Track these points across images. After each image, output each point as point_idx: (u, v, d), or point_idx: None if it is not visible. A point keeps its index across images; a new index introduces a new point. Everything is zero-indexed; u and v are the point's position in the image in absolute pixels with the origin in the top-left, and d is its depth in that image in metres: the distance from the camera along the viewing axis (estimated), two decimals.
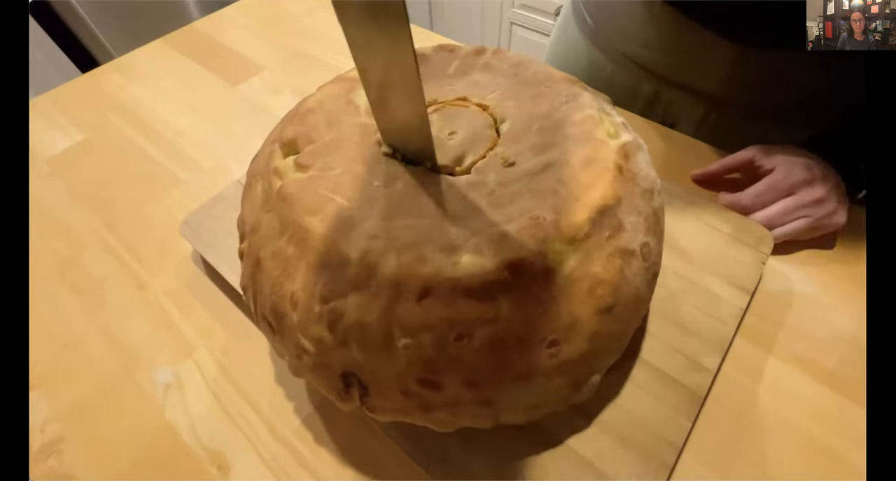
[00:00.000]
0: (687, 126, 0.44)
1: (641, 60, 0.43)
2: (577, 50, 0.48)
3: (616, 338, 0.21)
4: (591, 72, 0.47)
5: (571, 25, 0.49)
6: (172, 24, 0.64)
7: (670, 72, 0.42)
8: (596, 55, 0.46)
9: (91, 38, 1.06)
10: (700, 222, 0.33)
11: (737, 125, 0.42)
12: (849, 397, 0.28)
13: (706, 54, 0.38)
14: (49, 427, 0.29)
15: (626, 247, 0.20)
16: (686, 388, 0.26)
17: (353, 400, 0.21)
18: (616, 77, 0.45)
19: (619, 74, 0.45)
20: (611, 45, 0.45)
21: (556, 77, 0.27)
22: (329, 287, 0.19)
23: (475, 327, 0.18)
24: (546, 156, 0.23)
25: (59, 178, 0.44)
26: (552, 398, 0.21)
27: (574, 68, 0.49)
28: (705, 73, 0.40)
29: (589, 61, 0.47)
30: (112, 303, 0.35)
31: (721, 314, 0.28)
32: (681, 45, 0.39)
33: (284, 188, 0.22)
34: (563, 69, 0.53)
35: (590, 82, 0.47)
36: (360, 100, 0.26)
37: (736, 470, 0.26)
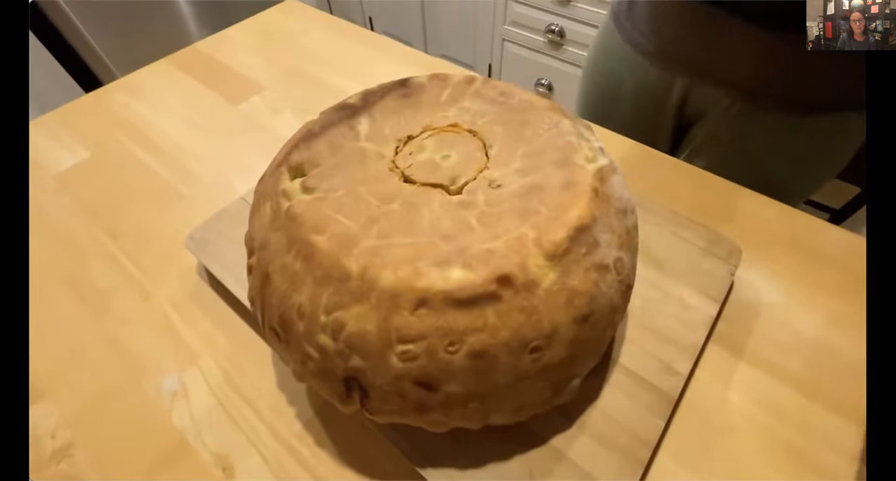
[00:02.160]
0: (713, 116, 0.47)
1: (674, 54, 0.45)
2: (615, 53, 0.52)
3: (593, 344, 0.23)
4: (629, 73, 0.50)
5: (610, 30, 0.52)
6: (174, 44, 0.66)
7: (701, 64, 0.44)
8: (633, 56, 0.49)
9: (94, 58, 1.08)
10: (676, 237, 0.35)
11: (763, 114, 0.44)
12: (811, 398, 0.30)
13: (735, 42, 0.40)
14: (59, 433, 0.30)
15: (600, 262, 0.23)
16: (660, 391, 0.28)
17: (354, 403, 0.23)
18: (651, 74, 0.48)
19: (654, 71, 0.48)
20: (646, 43, 0.48)
21: (538, 105, 0.29)
22: (333, 299, 0.21)
23: (465, 335, 0.20)
24: (530, 179, 0.25)
25: (66, 194, 0.45)
26: (536, 400, 0.23)
27: (614, 71, 0.52)
28: (735, 61, 0.42)
29: (628, 63, 0.50)
30: (117, 313, 0.36)
31: (693, 322, 0.31)
32: (710, 35, 0.42)
33: (292, 208, 0.24)
34: (602, 72, 0.57)
35: (629, 82, 0.50)
36: (359, 126, 0.28)
37: (707, 467, 0.28)
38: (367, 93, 0.31)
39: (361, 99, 0.30)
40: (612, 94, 0.54)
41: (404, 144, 0.28)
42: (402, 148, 0.28)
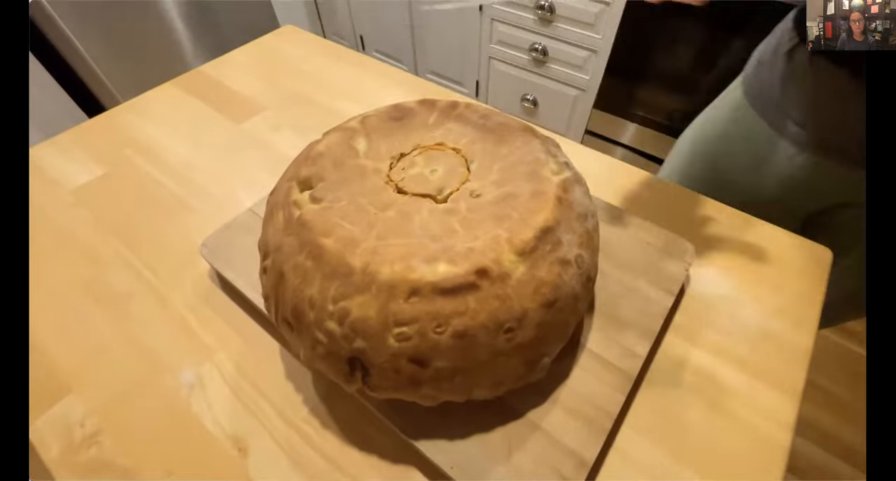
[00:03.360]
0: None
1: (834, 144, 0.43)
2: (752, 135, 0.49)
3: (559, 327, 0.28)
4: (770, 156, 0.48)
5: (744, 107, 0.49)
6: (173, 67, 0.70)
7: (821, 129, 0.42)
8: (778, 141, 0.47)
9: (97, 83, 1.13)
10: (637, 239, 0.40)
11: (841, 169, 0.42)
12: (754, 377, 0.35)
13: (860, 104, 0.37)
14: (88, 421, 0.34)
15: (563, 257, 0.27)
16: (622, 371, 0.32)
17: (356, 381, 0.27)
18: (799, 162, 0.46)
19: (805, 159, 0.45)
20: (801, 133, 0.44)
21: (513, 126, 0.34)
22: (339, 290, 0.25)
23: (450, 318, 0.25)
24: (504, 190, 0.30)
25: (82, 208, 0.49)
26: (512, 375, 0.27)
27: (751, 152, 0.49)
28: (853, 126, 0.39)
29: (770, 147, 0.47)
30: (136, 316, 0.40)
31: (651, 312, 0.35)
32: (833, 98, 0.39)
33: (303, 216, 0.28)
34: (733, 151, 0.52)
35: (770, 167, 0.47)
36: (359, 146, 0.33)
37: (665, 437, 0.32)
38: (364, 116, 0.35)
39: (360, 122, 0.35)
40: (747, 170, 0.50)
41: (397, 161, 0.32)
42: (396, 164, 0.32)
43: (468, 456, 0.29)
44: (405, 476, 0.31)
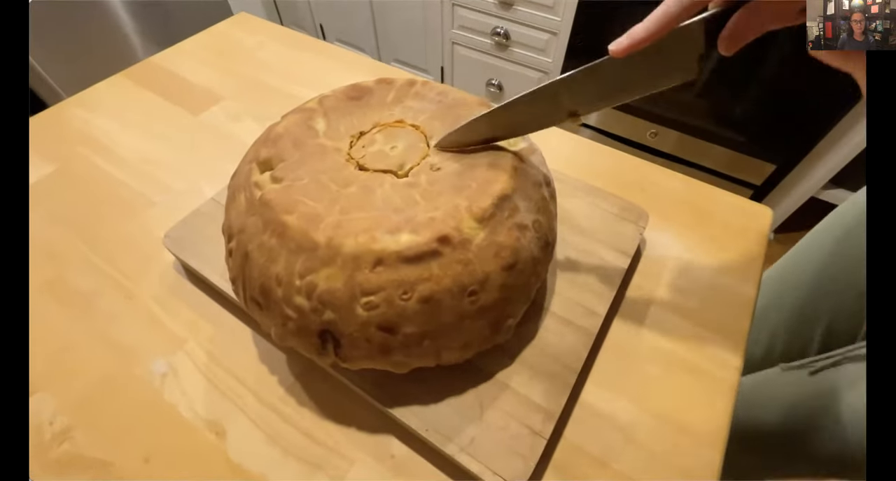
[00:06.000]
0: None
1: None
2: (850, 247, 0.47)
3: (520, 289, 0.29)
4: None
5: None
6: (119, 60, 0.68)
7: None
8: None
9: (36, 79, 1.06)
10: (594, 206, 0.42)
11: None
12: (703, 327, 0.37)
13: None
14: (58, 419, 0.33)
15: (521, 222, 0.29)
16: (583, 329, 0.34)
17: (329, 354, 0.28)
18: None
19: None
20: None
21: (469, 101, 0.35)
22: (305, 265, 0.26)
23: (415, 284, 0.26)
24: (463, 163, 0.31)
25: (36, 206, 0.47)
26: (478, 337, 0.29)
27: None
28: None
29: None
30: (103, 312, 0.39)
31: (608, 273, 0.37)
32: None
33: (264, 196, 0.28)
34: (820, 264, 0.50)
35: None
36: (318, 126, 0.33)
37: (626, 389, 0.34)
38: (322, 97, 0.35)
39: (318, 102, 0.35)
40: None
41: (357, 139, 0.33)
42: (356, 142, 0.33)
43: (442, 418, 0.30)
44: (383, 443, 0.32)
